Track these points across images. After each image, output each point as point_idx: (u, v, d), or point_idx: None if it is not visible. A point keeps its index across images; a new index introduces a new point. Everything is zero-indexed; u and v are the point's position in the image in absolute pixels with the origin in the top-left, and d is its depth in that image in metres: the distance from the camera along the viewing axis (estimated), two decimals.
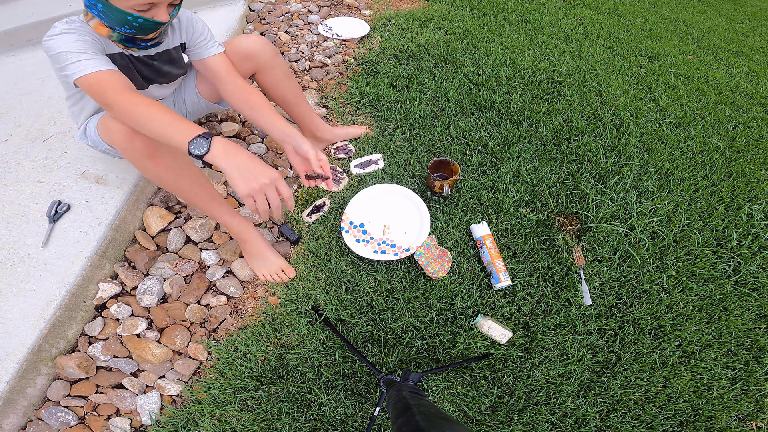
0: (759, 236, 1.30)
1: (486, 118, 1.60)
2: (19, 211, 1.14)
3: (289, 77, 1.29)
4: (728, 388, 1.03)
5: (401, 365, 1.03)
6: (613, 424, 0.97)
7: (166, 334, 1.06)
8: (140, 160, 0.93)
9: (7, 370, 0.91)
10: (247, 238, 1.13)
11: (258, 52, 1.17)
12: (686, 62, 2.14)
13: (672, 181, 1.43)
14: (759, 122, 1.77)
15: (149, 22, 0.85)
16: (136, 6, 0.80)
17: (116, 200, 1.16)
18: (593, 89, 1.81)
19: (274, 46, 1.22)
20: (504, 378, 1.02)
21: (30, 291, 1.01)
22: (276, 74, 1.25)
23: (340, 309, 1.10)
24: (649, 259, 1.22)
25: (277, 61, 1.23)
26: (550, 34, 2.21)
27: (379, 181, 1.37)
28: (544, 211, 1.31)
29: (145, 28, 0.86)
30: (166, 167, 0.95)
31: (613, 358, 1.05)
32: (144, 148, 0.90)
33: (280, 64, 1.24)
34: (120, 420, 0.97)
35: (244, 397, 0.98)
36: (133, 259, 1.15)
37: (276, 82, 1.27)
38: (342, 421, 0.96)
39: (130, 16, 0.82)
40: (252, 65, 1.20)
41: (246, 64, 1.18)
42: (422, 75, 1.79)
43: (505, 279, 1.11)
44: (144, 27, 0.86)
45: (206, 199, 1.06)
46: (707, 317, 1.13)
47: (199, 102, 1.21)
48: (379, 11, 2.29)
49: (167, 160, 0.95)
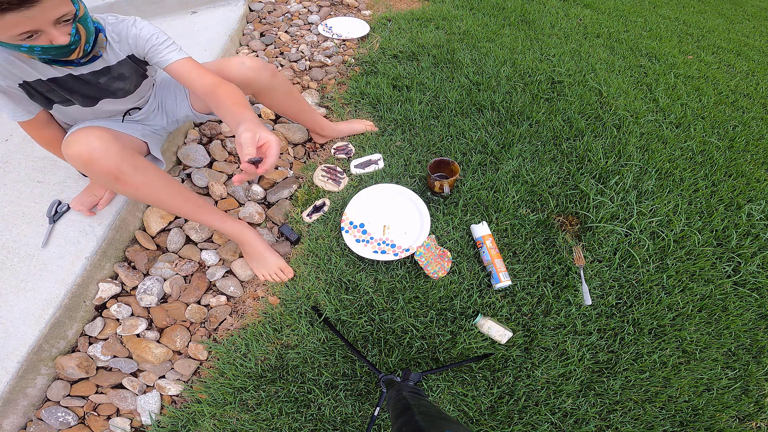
0: (759, 236, 1.30)
1: (486, 118, 1.60)
2: (19, 211, 1.14)
3: (290, 93, 1.26)
4: (728, 388, 1.03)
5: (401, 365, 1.03)
6: (613, 424, 0.97)
7: (166, 334, 1.06)
8: (109, 183, 0.90)
9: (7, 370, 0.91)
10: (244, 240, 1.12)
11: (254, 79, 1.12)
12: (686, 62, 2.14)
13: (672, 181, 1.43)
14: (759, 122, 1.77)
15: (52, 48, 0.74)
16: (12, 38, 0.69)
17: (116, 200, 1.16)
18: (593, 89, 1.81)
19: (269, 66, 1.16)
20: (504, 378, 1.02)
21: (30, 291, 1.01)
22: (276, 95, 1.22)
23: (340, 309, 1.10)
24: (649, 259, 1.22)
25: (275, 83, 1.18)
26: (550, 34, 2.21)
27: (379, 181, 1.37)
28: (544, 211, 1.31)
29: (55, 53, 0.76)
30: (137, 185, 0.92)
31: (613, 358, 1.05)
32: (108, 172, 0.87)
33: (280, 84, 1.20)
34: (120, 420, 0.97)
35: (244, 397, 0.98)
36: (133, 259, 1.15)
37: (276, 101, 1.25)
38: (342, 421, 0.96)
39: (22, 47, 0.71)
40: (249, 91, 1.16)
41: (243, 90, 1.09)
42: (422, 75, 1.79)
43: (505, 279, 1.11)
44: (53, 52, 0.75)
45: (192, 209, 1.04)
46: (707, 317, 1.13)
47: (195, 116, 1.19)
48: (379, 11, 2.29)
49: (136, 178, 0.91)
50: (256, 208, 1.27)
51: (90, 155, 0.85)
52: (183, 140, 1.42)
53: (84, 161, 0.85)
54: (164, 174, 1.00)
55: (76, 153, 0.85)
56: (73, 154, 0.85)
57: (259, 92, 1.19)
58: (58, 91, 0.90)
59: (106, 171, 0.87)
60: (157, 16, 1.94)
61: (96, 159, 0.85)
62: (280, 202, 1.34)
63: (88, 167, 0.86)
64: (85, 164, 0.86)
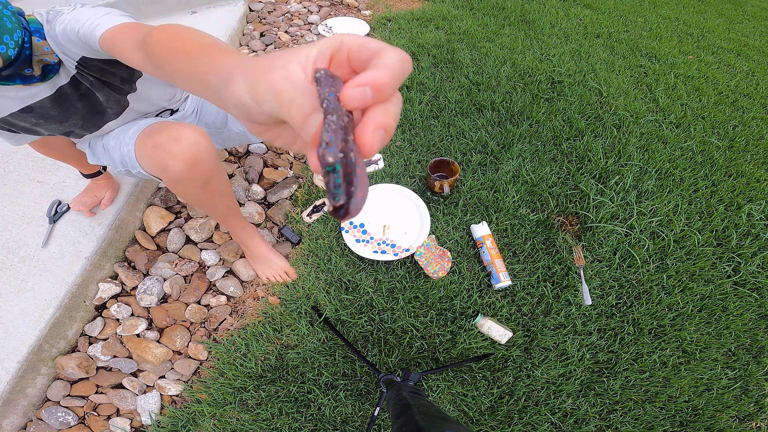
0: (759, 236, 1.30)
1: (486, 118, 1.60)
2: (19, 211, 1.14)
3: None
4: (728, 388, 1.03)
5: (401, 365, 1.03)
6: (613, 424, 0.97)
7: (166, 334, 1.06)
8: (194, 188, 0.80)
9: (7, 370, 0.91)
10: (250, 243, 1.12)
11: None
12: (686, 62, 2.14)
13: (672, 181, 1.43)
14: (759, 122, 1.77)
15: None
16: None
17: (116, 200, 1.16)
18: (593, 89, 1.81)
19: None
20: (504, 378, 1.02)
21: (30, 291, 1.01)
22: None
23: (340, 309, 1.10)
24: (649, 259, 1.22)
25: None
26: (550, 34, 2.21)
27: (379, 181, 1.37)
28: (544, 211, 1.31)
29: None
30: (217, 194, 0.87)
31: (613, 358, 1.05)
32: (203, 176, 0.78)
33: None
34: (120, 420, 0.97)
35: (244, 397, 0.98)
36: (133, 259, 1.15)
37: None
38: (342, 421, 0.96)
39: None
40: None
41: None
42: (422, 75, 1.79)
43: (505, 279, 1.11)
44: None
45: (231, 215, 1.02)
46: (707, 317, 1.13)
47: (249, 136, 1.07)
48: (379, 11, 2.29)
49: (221, 187, 0.86)
50: (256, 208, 1.27)
51: (197, 156, 0.75)
52: None
53: (190, 161, 0.74)
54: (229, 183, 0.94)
55: (182, 152, 0.73)
56: (179, 153, 0.73)
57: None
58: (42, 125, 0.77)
59: (203, 174, 0.77)
60: (157, 16, 1.94)
61: (202, 160, 0.76)
62: (280, 202, 1.34)
63: (191, 169, 0.75)
64: (190, 165, 0.74)
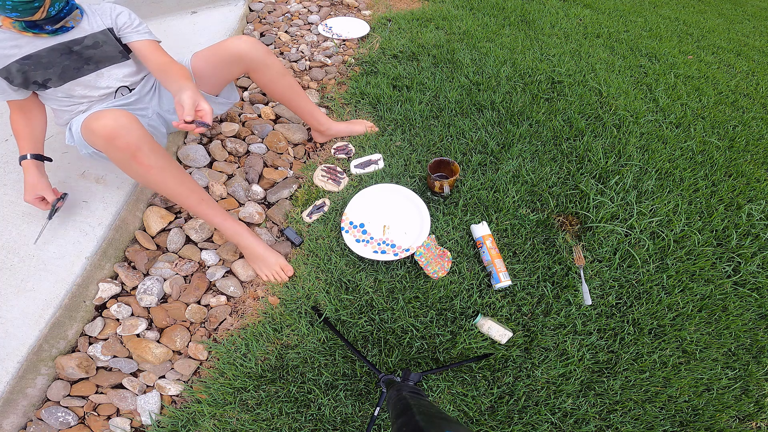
0: (759, 236, 1.30)
1: (486, 118, 1.60)
2: (19, 211, 1.14)
3: (284, 74, 1.30)
4: (728, 388, 1.03)
5: (401, 365, 1.03)
6: (613, 424, 0.97)
7: (166, 334, 1.06)
8: (125, 160, 0.92)
9: (7, 370, 0.91)
10: (242, 242, 1.12)
11: (247, 52, 1.18)
12: (686, 62, 2.14)
13: (672, 181, 1.43)
14: (759, 122, 1.77)
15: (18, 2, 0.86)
16: None
17: (116, 200, 1.16)
18: (593, 89, 1.81)
19: (264, 45, 1.23)
20: (504, 378, 1.02)
21: (30, 291, 1.01)
22: (269, 73, 1.26)
23: (340, 309, 1.10)
24: (649, 259, 1.22)
25: (269, 61, 1.23)
26: (550, 34, 2.21)
27: (379, 181, 1.37)
28: (544, 211, 1.31)
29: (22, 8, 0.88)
30: (149, 167, 0.95)
31: (613, 358, 1.05)
32: (126, 148, 0.90)
33: (273, 63, 1.25)
34: (120, 420, 0.97)
35: (244, 397, 0.98)
36: (133, 259, 1.15)
37: (269, 80, 1.28)
38: (342, 421, 0.96)
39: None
40: (243, 67, 1.22)
41: (236, 67, 1.20)
42: (422, 75, 1.79)
43: (505, 279, 1.11)
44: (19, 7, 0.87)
45: (195, 201, 1.05)
46: (707, 317, 1.13)
47: None
48: (379, 11, 2.29)
49: (150, 160, 0.94)
50: (256, 208, 1.27)
51: (114, 130, 0.88)
52: (183, 140, 1.42)
53: (107, 135, 0.88)
54: (175, 162, 1.03)
55: (102, 126, 0.88)
56: (98, 128, 0.88)
57: (253, 69, 1.23)
58: (33, 70, 0.98)
59: (125, 146, 0.90)
60: (157, 16, 1.94)
61: (120, 134, 0.89)
62: (280, 202, 1.34)
63: (110, 142, 0.89)
64: (108, 138, 0.88)
